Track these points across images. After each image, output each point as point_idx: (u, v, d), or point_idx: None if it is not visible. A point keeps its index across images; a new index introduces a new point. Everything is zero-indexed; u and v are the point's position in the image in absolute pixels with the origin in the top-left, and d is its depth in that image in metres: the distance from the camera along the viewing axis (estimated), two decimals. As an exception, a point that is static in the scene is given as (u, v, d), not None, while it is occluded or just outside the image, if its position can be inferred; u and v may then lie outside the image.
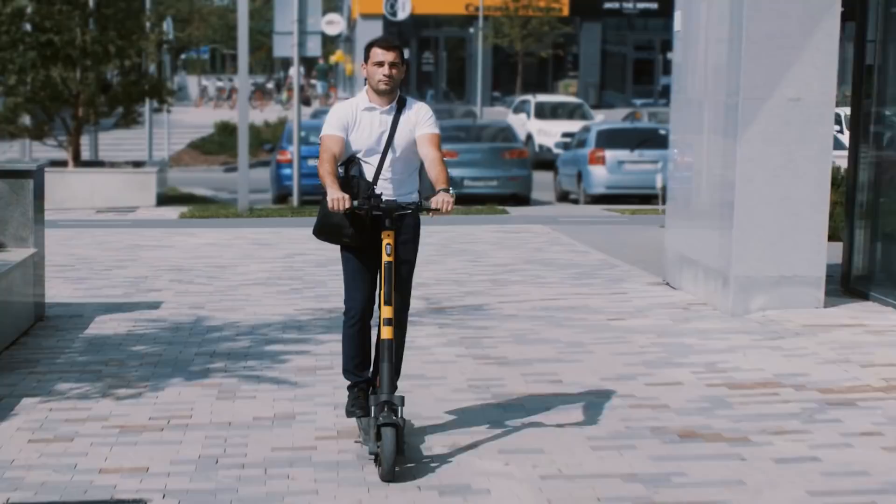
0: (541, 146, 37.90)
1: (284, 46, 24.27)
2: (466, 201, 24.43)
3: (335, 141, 7.28)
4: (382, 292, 7.09)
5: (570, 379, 8.85)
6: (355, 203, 7.10)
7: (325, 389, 8.64)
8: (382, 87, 7.29)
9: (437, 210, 7.08)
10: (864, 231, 11.89)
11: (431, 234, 16.80)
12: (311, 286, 13.08)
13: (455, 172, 24.56)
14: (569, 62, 61.86)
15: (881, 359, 9.23)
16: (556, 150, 33.04)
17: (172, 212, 22.99)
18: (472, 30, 55.62)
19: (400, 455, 6.75)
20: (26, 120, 25.62)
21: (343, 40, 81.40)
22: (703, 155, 11.85)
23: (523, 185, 26.79)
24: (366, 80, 7.37)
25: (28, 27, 23.93)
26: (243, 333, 10.57)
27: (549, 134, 37.90)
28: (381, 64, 7.28)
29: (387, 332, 7.06)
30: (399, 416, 6.87)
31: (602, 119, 39.44)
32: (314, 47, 24.41)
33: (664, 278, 13.00)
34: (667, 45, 51.16)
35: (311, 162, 26.03)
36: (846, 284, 12.01)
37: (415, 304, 9.02)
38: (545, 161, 34.83)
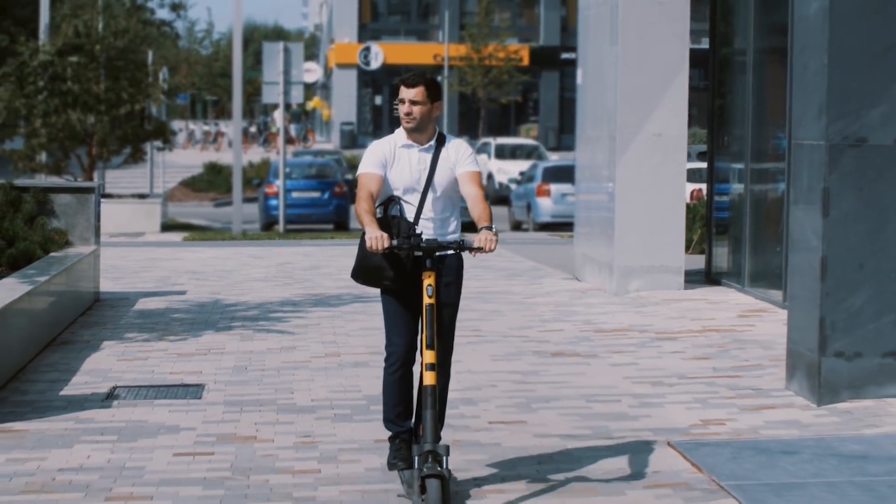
0: (500, 184, 41.81)
1: (272, 94, 28.13)
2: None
3: (372, 179, 7.09)
4: (424, 336, 6.85)
5: (487, 329, 12.58)
6: (394, 242, 6.87)
7: (316, 335, 12.34)
8: (405, 124, 7.14)
9: (479, 249, 6.84)
10: (720, 237, 15.72)
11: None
12: (300, 281, 16.74)
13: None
14: (530, 108, 66.17)
15: (707, 316, 13.03)
16: (513, 187, 36.95)
17: (176, 236, 26.69)
18: (439, 78, 59.71)
19: None
20: (43, 157, 29.38)
21: (319, 87, 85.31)
22: (597, 179, 15.64)
23: (479, 215, 30.53)
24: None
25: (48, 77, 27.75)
26: (252, 307, 14.27)
27: (507, 173, 41.85)
28: (403, 101, 7.12)
29: (430, 378, 6.81)
30: (444, 466, 6.66)
31: (556, 159, 43.39)
32: (297, 95, 28.30)
33: (574, 275, 16.76)
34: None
35: (294, 194, 29.90)
36: (708, 276, 15.80)
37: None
38: (505, 197, 38.65)
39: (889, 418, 8.65)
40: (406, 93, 7.13)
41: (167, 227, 29.41)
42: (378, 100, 68.02)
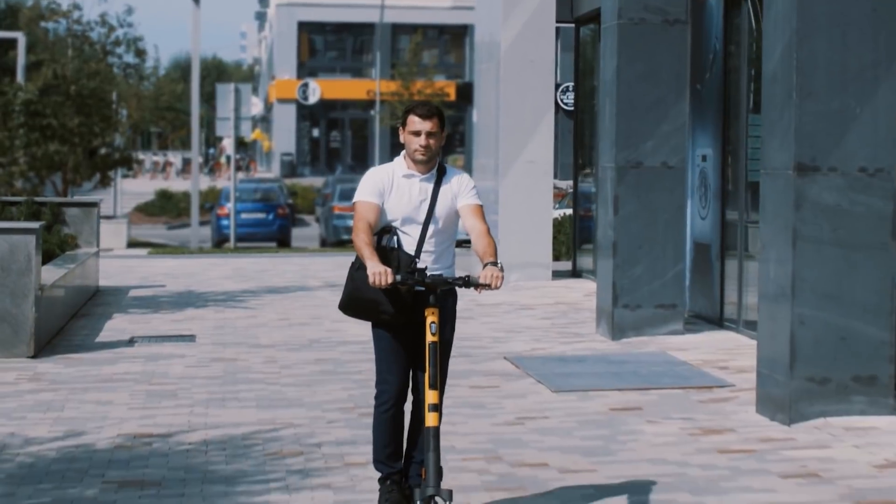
0: (427, 208, 46.39)
1: (225, 128, 32.52)
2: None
3: (370, 208, 6.85)
4: (427, 375, 6.62)
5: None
6: (398, 277, 6.61)
7: (270, 309, 16.68)
8: (419, 157, 6.87)
9: (486, 285, 6.63)
10: (583, 243, 20.27)
11: (325, 271, 24.95)
12: (254, 279, 21.08)
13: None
14: (456, 140, 70.98)
15: (562, 295, 17.53)
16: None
17: (141, 251, 30.94)
18: (372, 112, 64.38)
19: None
20: (19, 183, 33.58)
21: (260, 120, 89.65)
22: (487, 199, 20.14)
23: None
24: (403, 145, 6.98)
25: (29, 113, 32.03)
26: (220, 294, 18.60)
27: (433, 198, 46.44)
28: (417, 133, 6.84)
29: (432, 420, 6.62)
30: None
31: (477, 186, 48.12)
32: (246, 129, 32.71)
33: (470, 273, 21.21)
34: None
35: (243, 215, 34.31)
36: (574, 272, 20.34)
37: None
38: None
39: (653, 345, 13.17)
40: (423, 125, 6.85)
41: (131, 244, 33.66)
42: (315, 132, 72.65)
